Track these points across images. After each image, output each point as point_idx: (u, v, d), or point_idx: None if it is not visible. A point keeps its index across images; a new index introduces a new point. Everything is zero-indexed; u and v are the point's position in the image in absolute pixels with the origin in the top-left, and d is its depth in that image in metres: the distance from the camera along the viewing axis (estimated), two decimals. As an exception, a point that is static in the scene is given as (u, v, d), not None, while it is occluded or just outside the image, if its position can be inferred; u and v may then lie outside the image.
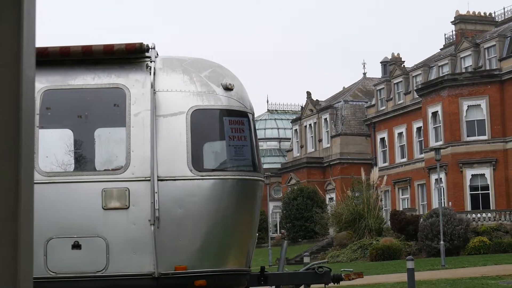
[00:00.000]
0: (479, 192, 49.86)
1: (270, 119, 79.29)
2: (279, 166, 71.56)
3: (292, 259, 48.47)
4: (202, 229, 8.30)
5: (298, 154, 69.71)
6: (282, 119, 78.75)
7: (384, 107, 62.75)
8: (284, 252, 10.03)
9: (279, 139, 77.70)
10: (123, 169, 8.34)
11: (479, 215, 42.35)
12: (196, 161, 8.37)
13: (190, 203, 8.27)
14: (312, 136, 68.40)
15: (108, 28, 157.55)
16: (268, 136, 78.01)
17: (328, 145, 65.67)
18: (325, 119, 66.42)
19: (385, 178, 49.90)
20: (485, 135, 50.07)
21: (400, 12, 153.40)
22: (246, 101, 8.89)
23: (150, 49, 8.66)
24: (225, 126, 8.56)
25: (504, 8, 59.19)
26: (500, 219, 41.29)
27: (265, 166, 72.93)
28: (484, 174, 49.88)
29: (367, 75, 71.90)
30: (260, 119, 79.81)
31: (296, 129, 70.78)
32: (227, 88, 8.67)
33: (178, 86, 8.60)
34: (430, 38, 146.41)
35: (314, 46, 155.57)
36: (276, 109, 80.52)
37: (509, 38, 50.77)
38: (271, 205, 70.44)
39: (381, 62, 68.63)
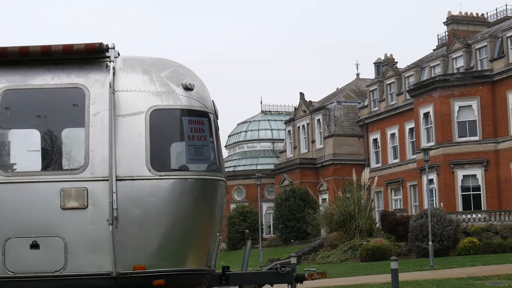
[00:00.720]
0: (471, 193, 49.93)
1: (264, 120, 79.33)
2: (272, 167, 71.62)
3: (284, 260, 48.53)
4: (160, 229, 8.30)
5: (292, 155, 69.75)
6: (275, 120, 78.79)
7: (376, 108, 62.81)
8: (248, 252, 10.02)
9: (273, 140, 77.75)
10: (81, 169, 8.34)
11: (469, 215, 42.37)
12: (155, 161, 8.37)
13: (149, 203, 8.28)
14: (305, 137, 68.44)
15: (103, 27, 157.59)
16: (262, 137, 78.08)
17: (321, 146, 65.70)
18: (318, 120, 66.47)
19: (376, 178, 49.98)
20: (477, 135, 50.15)
21: (394, 13, 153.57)
22: (207, 101, 8.89)
23: (110, 49, 8.66)
24: (185, 126, 8.56)
25: (496, 9, 59.43)
26: (490, 220, 41.31)
27: (258, 167, 73.12)
28: (475, 175, 49.96)
29: (361, 76, 72.01)
30: (254, 120, 79.87)
31: (290, 130, 70.83)
32: (187, 88, 8.67)
33: (138, 86, 8.60)
34: (423, 39, 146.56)
35: (308, 47, 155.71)
36: (270, 110, 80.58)
37: (500, 39, 50.85)
38: (264, 206, 70.49)
39: (374, 63, 68.70)
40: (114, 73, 8.55)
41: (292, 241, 59.12)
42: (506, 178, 48.85)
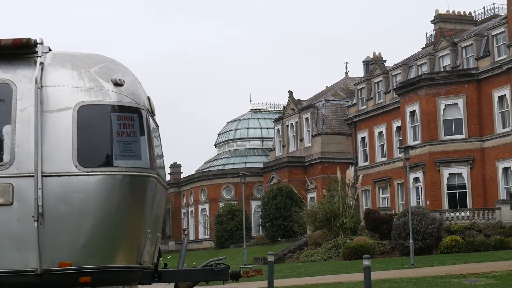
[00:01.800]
0: (456, 191, 49.94)
1: (253, 118, 79.33)
2: (262, 165, 71.57)
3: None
4: (87, 226, 8.24)
5: (280, 154, 69.72)
6: (265, 118, 78.78)
7: (364, 107, 62.79)
8: (184, 249, 9.97)
9: (262, 139, 77.74)
10: (7, 165, 8.29)
11: (452, 214, 42.36)
12: (82, 157, 8.32)
13: (75, 199, 8.22)
14: (294, 136, 68.41)
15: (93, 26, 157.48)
16: (251, 136, 78.07)
17: (309, 145, 65.66)
18: (307, 118, 66.42)
19: (360, 177, 49.94)
20: (462, 134, 50.15)
21: (384, 11, 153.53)
22: (138, 97, 8.83)
23: (38, 44, 8.62)
24: (113, 122, 8.50)
25: (484, 8, 59.34)
26: (473, 218, 41.30)
27: (248, 165, 73.07)
28: (461, 173, 49.96)
29: (351, 74, 71.98)
30: (243, 119, 79.84)
31: (278, 129, 70.79)
32: (117, 84, 8.62)
33: (66, 81, 8.55)
34: (413, 37, 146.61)
35: (298, 46, 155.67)
36: (260, 108, 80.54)
37: (486, 38, 50.84)
38: (253, 204, 70.54)
39: (363, 61, 68.73)
40: (42, 69, 8.50)
41: (279, 239, 59.09)
42: (492, 176, 48.86)
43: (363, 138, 62.79)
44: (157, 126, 9.86)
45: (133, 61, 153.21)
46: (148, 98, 9.22)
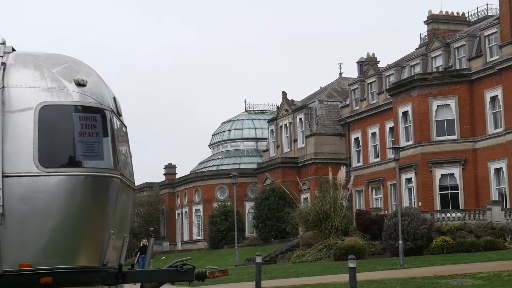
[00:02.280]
0: (449, 191, 49.94)
1: (248, 119, 79.30)
2: (256, 166, 71.54)
3: (262, 259, 48.43)
4: (48, 226, 8.22)
5: (274, 154, 69.69)
6: (259, 119, 78.74)
7: (358, 107, 62.79)
8: (150, 249, 9.94)
9: (256, 139, 77.70)
10: None
11: (443, 214, 42.33)
12: (43, 158, 8.30)
13: (36, 200, 8.21)
14: (287, 136, 68.38)
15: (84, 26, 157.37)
16: (245, 136, 78.05)
17: (303, 145, 65.65)
18: (300, 119, 66.40)
19: (352, 177, 49.91)
20: (455, 134, 50.14)
21: (378, 12, 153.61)
22: (102, 97, 8.81)
23: (0, 45, 8.59)
24: (75, 122, 8.49)
25: (477, 8, 59.36)
26: (464, 219, 41.28)
27: (242, 166, 73.03)
28: (453, 174, 49.95)
29: (346, 75, 71.99)
30: (238, 119, 79.82)
31: (272, 129, 70.77)
32: (80, 84, 8.60)
33: (28, 81, 8.53)
34: (407, 38, 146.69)
35: (292, 46, 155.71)
36: (254, 109, 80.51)
37: (478, 38, 50.85)
38: (247, 205, 70.52)
39: (357, 62, 68.79)
40: (4, 69, 8.48)
41: (272, 240, 59.05)
42: (484, 177, 48.87)
43: (356, 139, 62.79)
44: (125, 126, 9.83)
45: (127, 62, 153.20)
46: (114, 98, 9.19)
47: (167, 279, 9.30)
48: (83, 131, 8.47)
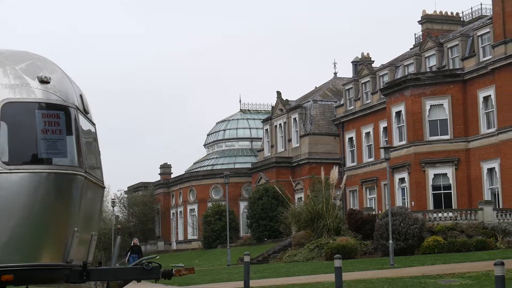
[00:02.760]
0: (442, 191, 49.91)
1: (243, 119, 79.25)
2: (250, 166, 71.50)
3: (255, 259, 48.41)
4: (10, 223, 8.18)
5: (269, 154, 69.66)
6: (254, 119, 78.70)
7: (352, 107, 62.77)
8: (117, 247, 9.92)
9: (251, 139, 77.65)
10: None
11: (435, 214, 42.28)
12: (5, 155, 8.25)
13: None
14: (282, 136, 68.34)
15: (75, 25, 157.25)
16: (240, 136, 77.99)
17: (297, 145, 65.61)
18: (295, 119, 66.37)
19: (344, 177, 49.88)
20: (448, 134, 50.13)
21: (374, 11, 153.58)
22: (66, 95, 8.76)
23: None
24: (38, 120, 8.44)
25: (471, 8, 59.38)
26: (456, 219, 41.24)
27: (236, 166, 72.97)
28: (446, 174, 49.93)
29: (340, 75, 71.99)
30: (233, 119, 79.77)
31: (267, 129, 70.72)
32: (43, 81, 8.56)
33: None
34: (402, 38, 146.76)
35: (288, 46, 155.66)
36: (249, 109, 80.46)
37: (471, 38, 50.82)
38: (242, 205, 70.46)
39: (352, 62, 68.77)
40: None
41: (265, 239, 59.00)
42: (477, 176, 48.85)
43: (350, 139, 62.78)
44: (93, 124, 9.78)
45: (122, 62, 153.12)
46: (81, 95, 9.14)
47: (133, 277, 9.25)
48: (46, 128, 8.42)
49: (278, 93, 69.15)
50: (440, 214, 41.82)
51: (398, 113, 52.35)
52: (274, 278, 30.65)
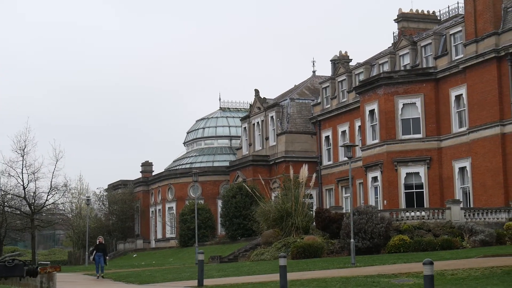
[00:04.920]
0: (414, 190, 49.78)
1: (222, 117, 79.03)
2: (229, 164, 71.33)
3: (226, 257, 48.25)
4: None
5: (247, 152, 69.47)
6: (233, 117, 78.49)
7: (329, 105, 62.65)
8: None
9: (230, 137, 77.45)
10: None
11: (403, 213, 42.10)
12: None
13: None
14: (259, 134, 68.17)
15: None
16: (220, 134, 77.77)
17: (274, 143, 65.44)
18: (272, 117, 66.20)
19: (314, 176, 49.69)
20: (420, 133, 50.02)
21: (353, 10, 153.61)
22: None
23: None
24: None
25: (448, 7, 59.23)
26: (423, 218, 41.09)
27: (215, 164, 72.85)
28: (418, 173, 49.82)
29: (320, 73, 71.80)
30: (212, 117, 79.56)
31: (245, 127, 70.52)
32: None
33: None
34: (381, 36, 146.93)
35: (268, 44, 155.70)
36: (228, 107, 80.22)
37: (444, 37, 50.70)
38: (219, 203, 70.26)
39: (330, 60, 68.58)
40: None
41: (239, 238, 58.80)
42: (448, 175, 48.74)
43: (327, 137, 62.65)
44: None
45: (101, 58, 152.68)
46: None
47: (-6, 274, 9.03)
48: None
49: (256, 91, 68.97)
50: (408, 214, 41.65)
51: (372, 112, 52.21)
52: (233, 277, 30.53)
